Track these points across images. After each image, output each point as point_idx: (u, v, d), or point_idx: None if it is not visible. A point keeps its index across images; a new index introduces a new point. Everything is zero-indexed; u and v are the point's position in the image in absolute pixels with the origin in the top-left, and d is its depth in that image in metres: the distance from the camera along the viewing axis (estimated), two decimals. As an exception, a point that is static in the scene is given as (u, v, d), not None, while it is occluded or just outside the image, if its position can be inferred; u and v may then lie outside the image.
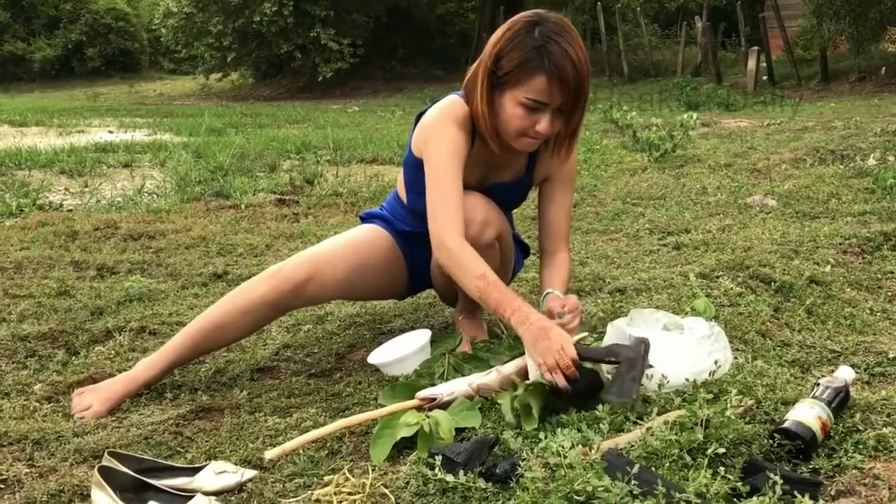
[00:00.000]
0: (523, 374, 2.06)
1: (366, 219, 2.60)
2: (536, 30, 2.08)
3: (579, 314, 2.17)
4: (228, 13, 22.01)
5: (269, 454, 1.80)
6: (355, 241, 2.44)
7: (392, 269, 2.49)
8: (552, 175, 2.42)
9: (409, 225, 2.48)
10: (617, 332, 2.05)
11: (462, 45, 23.42)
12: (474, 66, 2.22)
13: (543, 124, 2.13)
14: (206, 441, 1.94)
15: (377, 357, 2.34)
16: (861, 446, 1.71)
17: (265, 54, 22.96)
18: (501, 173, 2.40)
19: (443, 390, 2.01)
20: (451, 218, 2.16)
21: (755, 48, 15.61)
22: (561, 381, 1.89)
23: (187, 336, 2.27)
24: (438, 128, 2.24)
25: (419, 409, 1.95)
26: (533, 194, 2.56)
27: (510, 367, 2.11)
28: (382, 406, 2.02)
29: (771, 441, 1.69)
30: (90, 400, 2.14)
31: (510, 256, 2.49)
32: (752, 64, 15.40)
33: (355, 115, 14.48)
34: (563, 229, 2.44)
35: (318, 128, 11.19)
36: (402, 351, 2.32)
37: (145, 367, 2.24)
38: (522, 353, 2.21)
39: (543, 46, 2.06)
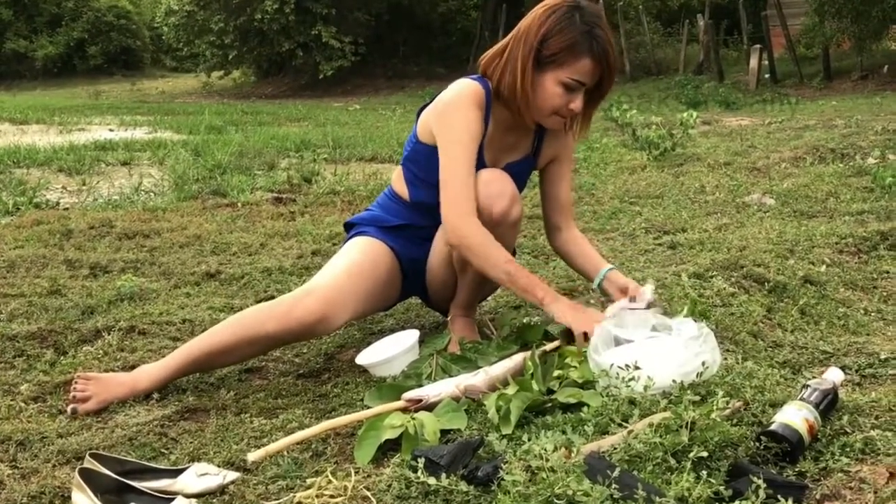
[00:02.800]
0: (514, 374, 2.06)
1: (351, 226, 2.58)
2: (577, 15, 2.21)
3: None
4: (230, 11, 22.00)
5: (252, 456, 1.78)
6: (360, 267, 2.38)
7: (390, 283, 2.49)
8: (559, 154, 2.53)
9: (405, 219, 2.48)
10: (604, 334, 2.04)
11: (464, 44, 23.39)
12: (502, 47, 2.32)
13: (577, 103, 2.26)
14: (191, 442, 1.92)
15: (365, 357, 2.33)
16: (848, 449, 1.69)
17: (267, 52, 22.96)
18: (510, 154, 2.46)
19: (429, 391, 1.99)
20: (465, 199, 2.26)
21: (757, 46, 15.59)
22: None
23: (190, 356, 2.24)
24: (459, 109, 2.30)
25: (405, 410, 1.94)
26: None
27: (498, 369, 2.10)
28: (368, 407, 2.01)
29: (757, 444, 1.68)
30: (92, 392, 2.13)
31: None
32: (754, 62, 15.37)
33: (356, 113, 14.48)
34: (569, 205, 2.60)
35: (318, 126, 11.20)
36: (390, 351, 2.31)
37: (148, 379, 2.22)
38: (511, 354, 2.21)
39: (590, 31, 2.21)
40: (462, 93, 2.32)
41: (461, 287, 2.48)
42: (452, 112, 2.31)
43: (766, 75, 15.64)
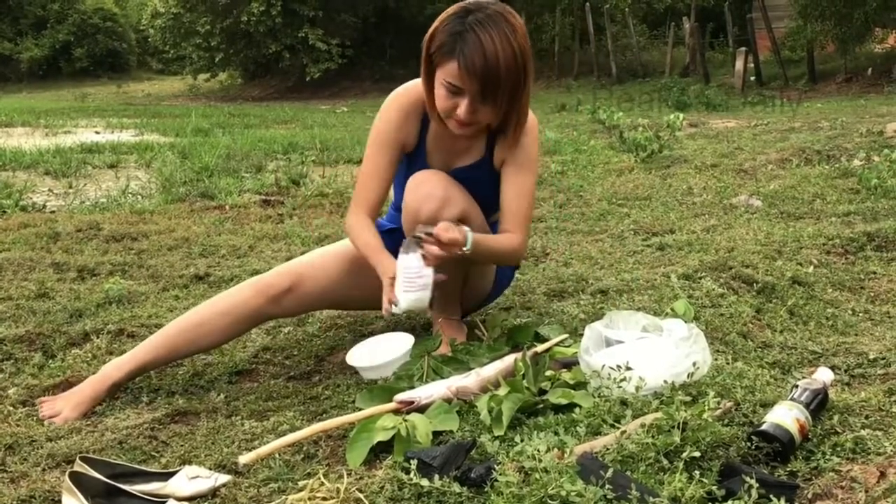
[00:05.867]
0: (505, 375, 2.06)
1: None
2: (469, 17, 2.11)
3: (448, 246, 2.13)
4: (216, 13, 21.98)
5: (244, 459, 1.78)
6: (340, 251, 2.43)
7: (377, 277, 2.47)
8: (506, 156, 2.36)
9: (395, 222, 2.48)
10: (594, 335, 2.04)
11: (451, 46, 23.37)
12: None
13: (461, 108, 2.16)
14: (181, 445, 1.92)
15: (357, 359, 2.32)
16: (839, 449, 1.70)
17: (253, 54, 22.94)
18: (462, 158, 2.40)
19: (421, 393, 1.99)
20: (356, 195, 2.35)
21: (743, 49, 15.66)
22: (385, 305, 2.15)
23: (164, 337, 2.25)
24: (382, 111, 2.37)
25: (397, 412, 1.94)
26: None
27: (490, 370, 2.09)
28: (360, 409, 2.00)
29: (749, 444, 1.69)
30: (61, 406, 2.12)
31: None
32: (739, 64, 15.45)
33: (343, 115, 14.48)
34: (514, 210, 2.34)
35: (305, 128, 11.18)
36: (384, 357, 2.30)
37: (115, 366, 2.22)
38: (502, 356, 2.21)
39: (461, 34, 2.10)
40: (392, 95, 2.37)
41: (437, 293, 2.47)
42: (378, 113, 2.37)
43: (752, 77, 15.72)
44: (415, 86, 2.33)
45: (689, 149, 6.92)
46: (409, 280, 2.11)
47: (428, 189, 2.25)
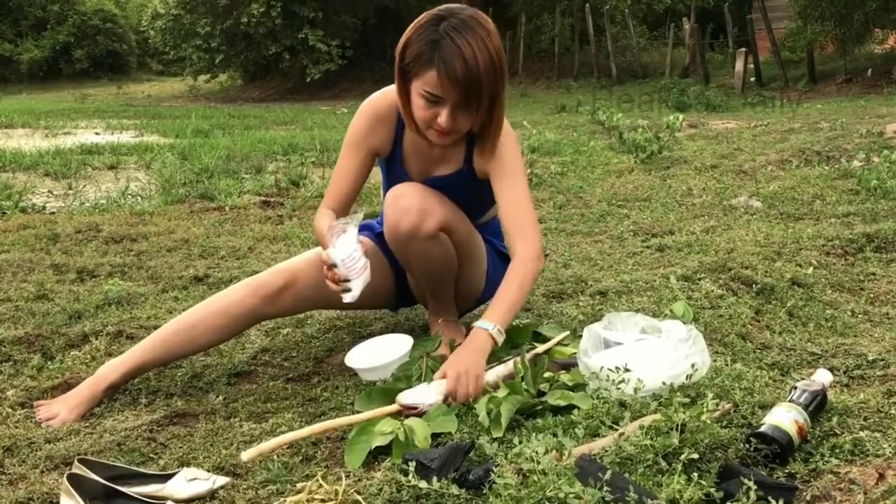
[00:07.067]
0: (506, 378, 2.06)
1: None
2: (442, 24, 2.08)
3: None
4: (216, 14, 21.99)
5: (245, 455, 1.77)
6: None
7: (375, 276, 2.47)
8: (488, 170, 2.31)
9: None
10: (593, 336, 2.04)
11: (451, 47, 23.38)
12: None
13: (442, 117, 2.12)
14: (180, 447, 1.91)
15: (355, 360, 2.32)
16: (837, 450, 1.70)
17: (253, 56, 22.96)
18: (440, 166, 2.38)
19: (424, 399, 1.97)
20: (326, 192, 2.38)
21: (743, 50, 15.66)
22: None
23: (159, 337, 2.25)
24: (355, 116, 2.38)
25: (398, 414, 1.94)
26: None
27: (489, 374, 2.09)
28: (359, 412, 2.00)
29: (747, 445, 1.69)
30: (57, 409, 2.12)
31: (471, 257, 2.43)
32: (739, 65, 15.45)
33: (344, 116, 14.46)
34: (519, 222, 2.26)
35: (305, 129, 11.18)
36: (383, 359, 2.30)
37: (111, 368, 2.21)
38: (501, 358, 2.20)
39: (438, 41, 2.06)
40: (366, 101, 2.38)
41: (428, 296, 2.49)
42: (354, 116, 2.38)
43: (752, 78, 15.72)
44: (388, 92, 2.33)
45: (689, 150, 6.92)
46: (350, 268, 2.10)
47: (406, 203, 2.23)
